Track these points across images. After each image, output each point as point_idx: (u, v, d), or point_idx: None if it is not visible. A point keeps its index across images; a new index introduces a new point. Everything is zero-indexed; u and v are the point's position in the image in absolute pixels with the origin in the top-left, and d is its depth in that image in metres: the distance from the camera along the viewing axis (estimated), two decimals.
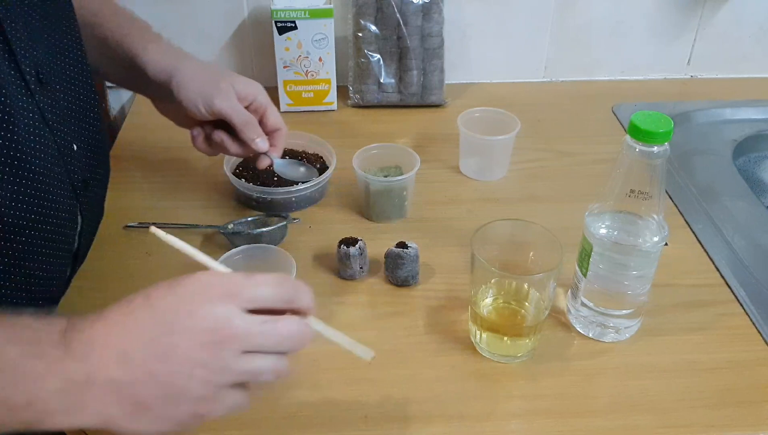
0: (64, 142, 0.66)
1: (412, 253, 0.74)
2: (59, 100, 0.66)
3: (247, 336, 0.47)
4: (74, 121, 0.69)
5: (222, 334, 0.47)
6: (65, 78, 0.68)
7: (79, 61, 0.71)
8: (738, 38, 1.16)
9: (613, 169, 0.63)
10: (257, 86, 0.78)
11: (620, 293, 0.68)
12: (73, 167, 0.67)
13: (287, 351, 0.50)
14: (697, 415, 0.63)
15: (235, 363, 0.47)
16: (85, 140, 0.71)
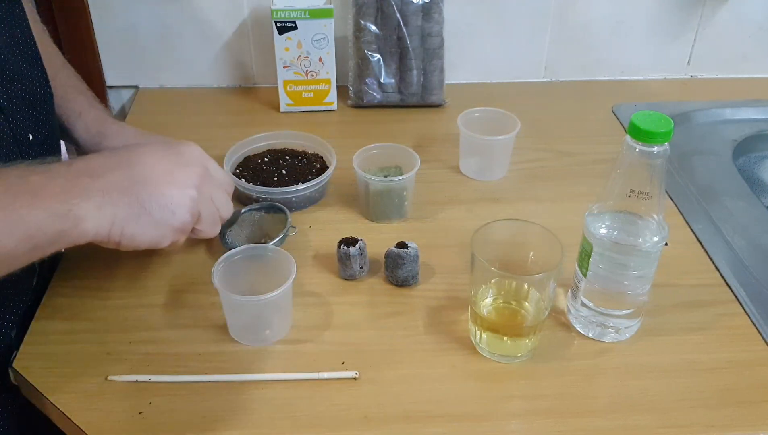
0: (19, 130, 0.67)
1: (412, 253, 0.74)
2: (15, 90, 0.68)
3: (218, 189, 0.68)
4: (30, 111, 0.70)
5: (206, 175, 0.65)
6: (20, 70, 0.69)
7: (34, 56, 0.73)
8: (738, 38, 1.16)
9: (613, 169, 0.63)
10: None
11: (620, 293, 0.68)
12: (28, 156, 0.69)
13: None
14: (697, 415, 0.63)
15: (209, 203, 0.66)
16: (41, 131, 0.72)
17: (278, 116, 1.08)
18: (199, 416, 0.62)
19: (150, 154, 0.62)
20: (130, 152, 0.62)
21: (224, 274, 0.69)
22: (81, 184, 0.56)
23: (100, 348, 0.69)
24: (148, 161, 0.61)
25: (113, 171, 0.58)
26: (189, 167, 0.63)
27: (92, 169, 0.58)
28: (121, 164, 0.60)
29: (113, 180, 0.58)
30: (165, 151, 0.63)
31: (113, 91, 1.15)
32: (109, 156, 0.61)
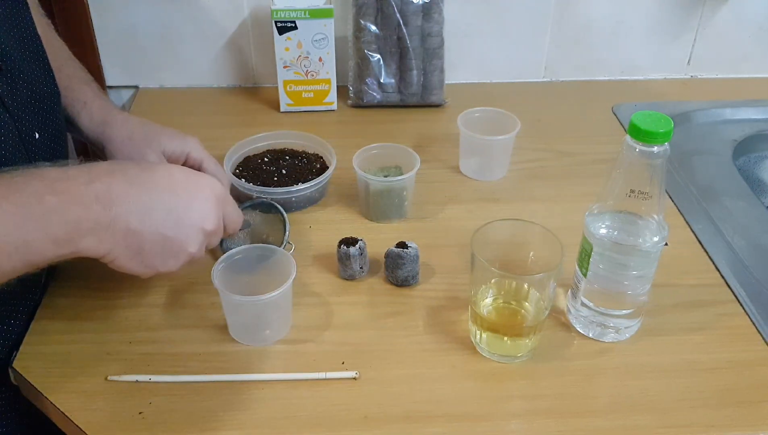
0: (25, 129, 0.67)
1: (412, 253, 0.74)
2: (20, 88, 0.67)
3: (217, 236, 0.66)
4: (36, 110, 0.70)
5: (214, 229, 0.64)
6: (26, 68, 0.69)
7: (39, 54, 0.72)
8: (738, 38, 1.16)
9: (613, 169, 0.63)
10: (188, 142, 0.78)
11: (620, 293, 0.68)
12: (35, 155, 0.68)
13: None
14: (697, 415, 0.63)
15: (203, 249, 0.64)
16: (47, 129, 0.72)
17: (278, 116, 1.08)
18: (199, 416, 0.62)
19: (170, 192, 0.60)
20: (153, 184, 0.60)
21: (224, 274, 0.69)
22: (93, 215, 0.55)
23: (100, 348, 0.69)
24: (165, 202, 0.60)
25: (129, 204, 0.57)
26: (200, 225, 0.62)
27: (110, 196, 0.56)
28: (139, 198, 0.58)
29: (124, 217, 0.57)
30: (185, 191, 0.62)
31: (113, 91, 1.15)
32: (131, 182, 0.58)
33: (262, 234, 0.81)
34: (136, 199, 0.58)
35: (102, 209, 0.56)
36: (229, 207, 0.67)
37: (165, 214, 0.59)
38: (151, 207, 0.59)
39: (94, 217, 0.55)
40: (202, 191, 0.63)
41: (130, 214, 0.57)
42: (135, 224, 0.58)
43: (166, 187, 0.60)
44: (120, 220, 0.57)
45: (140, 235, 0.58)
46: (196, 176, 0.64)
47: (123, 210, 0.57)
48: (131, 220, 0.57)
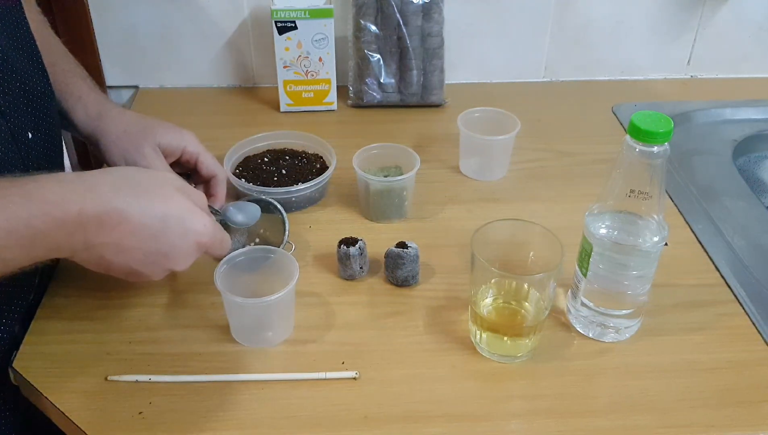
0: (18, 129, 0.67)
1: (412, 253, 0.74)
2: (13, 88, 0.67)
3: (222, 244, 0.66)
4: (29, 109, 0.70)
5: (210, 241, 0.63)
6: (19, 68, 0.69)
7: (33, 53, 0.72)
8: (738, 38, 1.16)
9: (613, 169, 0.63)
10: (184, 136, 0.78)
11: (620, 293, 0.68)
12: (28, 155, 0.68)
13: None
14: (697, 415, 0.63)
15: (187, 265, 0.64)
16: (41, 129, 0.72)
17: (278, 116, 1.08)
18: (199, 416, 0.62)
19: (153, 243, 0.60)
20: (141, 229, 0.59)
21: (227, 276, 0.68)
22: (73, 245, 0.57)
23: (100, 348, 0.69)
24: (145, 247, 0.60)
25: (109, 241, 0.58)
26: (171, 267, 0.63)
27: (97, 230, 0.57)
28: (122, 238, 0.58)
29: (101, 249, 0.58)
30: (164, 245, 0.61)
31: (113, 91, 1.15)
32: (122, 219, 0.58)
33: (259, 228, 0.81)
34: (119, 239, 0.58)
35: (83, 239, 0.56)
36: (215, 251, 0.66)
37: (141, 256, 0.60)
38: (131, 248, 0.59)
39: (74, 245, 0.57)
40: (189, 243, 0.62)
41: (108, 248, 0.58)
42: (109, 256, 0.59)
43: (153, 234, 0.59)
44: (96, 250, 0.58)
45: (111, 264, 0.60)
46: (189, 223, 0.61)
47: (103, 243, 0.58)
48: (106, 253, 0.59)
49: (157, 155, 0.75)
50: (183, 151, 0.77)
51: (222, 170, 0.80)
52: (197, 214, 0.62)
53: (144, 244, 0.59)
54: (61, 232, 0.55)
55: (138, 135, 0.76)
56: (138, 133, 0.76)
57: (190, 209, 0.62)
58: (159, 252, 0.60)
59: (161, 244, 0.60)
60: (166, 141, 0.76)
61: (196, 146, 0.78)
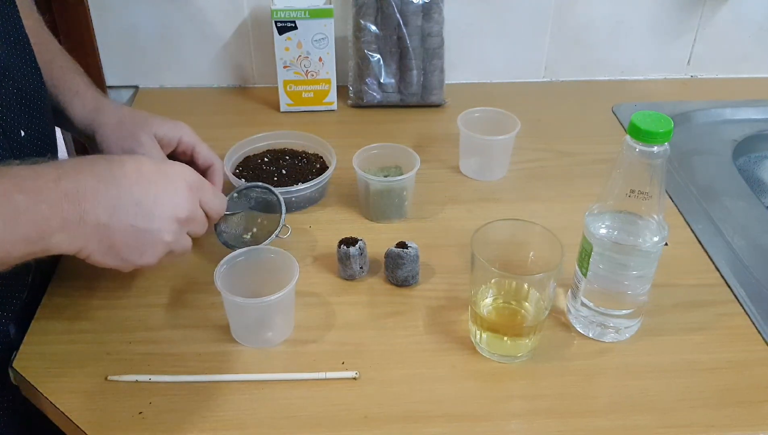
0: (10, 126, 0.67)
1: (412, 253, 0.74)
2: (5, 86, 0.67)
3: (197, 223, 0.66)
4: (22, 107, 0.70)
5: (189, 217, 0.63)
6: (11, 65, 0.69)
7: (26, 51, 0.72)
8: (738, 38, 1.16)
9: (613, 169, 0.63)
10: (180, 127, 0.78)
11: (620, 293, 0.68)
12: (20, 153, 0.68)
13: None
14: (697, 415, 0.63)
15: (183, 238, 0.64)
16: (34, 127, 0.71)
17: (278, 116, 1.08)
18: (199, 416, 0.62)
19: (139, 184, 0.60)
20: (121, 177, 0.59)
21: (227, 276, 0.68)
22: (62, 213, 0.56)
23: (100, 348, 0.69)
24: (134, 194, 0.59)
25: (97, 199, 0.57)
26: (172, 214, 0.62)
27: (78, 192, 0.56)
28: (107, 193, 0.58)
29: (93, 212, 0.57)
30: (153, 182, 0.61)
31: (113, 91, 1.15)
32: (99, 177, 0.58)
33: (257, 217, 0.80)
34: (104, 194, 0.58)
35: (71, 206, 0.56)
36: (207, 193, 0.66)
37: (134, 206, 0.59)
38: (120, 200, 0.58)
39: (62, 214, 0.55)
40: (173, 180, 0.62)
41: (99, 209, 0.57)
42: (104, 219, 0.58)
43: (135, 180, 0.60)
44: (89, 216, 0.57)
45: (110, 228, 0.58)
46: (166, 166, 0.63)
47: (91, 205, 0.57)
48: (100, 215, 0.57)
49: (154, 144, 0.75)
50: (179, 141, 0.77)
51: (218, 160, 0.80)
52: (172, 163, 0.63)
53: (131, 190, 0.59)
54: (43, 203, 0.54)
55: (134, 125, 0.76)
56: (134, 123, 0.76)
57: (164, 161, 0.63)
58: (149, 196, 0.60)
59: (148, 186, 0.60)
60: (162, 132, 0.76)
61: (191, 137, 0.78)
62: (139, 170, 0.60)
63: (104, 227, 0.58)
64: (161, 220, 0.61)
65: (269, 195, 0.81)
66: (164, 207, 0.61)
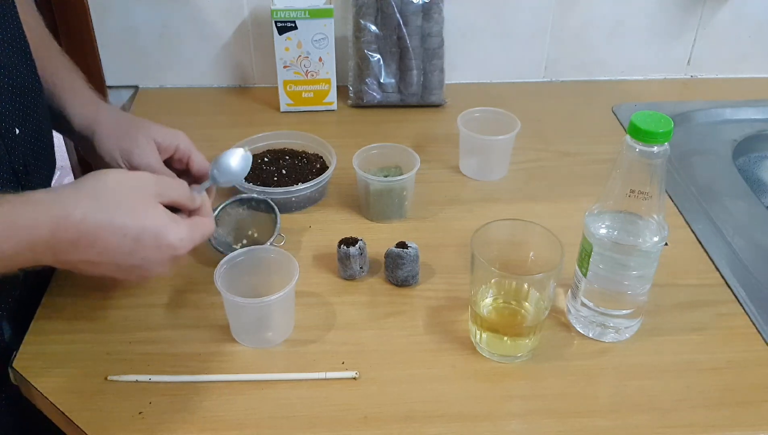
0: (5, 124, 0.67)
1: (412, 253, 0.74)
2: (3, 84, 0.67)
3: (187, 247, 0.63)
4: (17, 105, 0.70)
5: (181, 255, 0.62)
6: (7, 63, 0.68)
7: (23, 48, 0.72)
8: (738, 38, 1.16)
9: (613, 169, 0.63)
10: (177, 134, 0.77)
11: (620, 293, 0.68)
12: (14, 150, 0.68)
13: None
14: (697, 415, 0.63)
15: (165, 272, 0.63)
16: (28, 126, 0.71)
17: (278, 116, 1.08)
18: (199, 416, 0.62)
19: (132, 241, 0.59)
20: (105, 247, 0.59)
21: (227, 276, 0.68)
22: (49, 257, 0.57)
23: (100, 348, 0.69)
24: (116, 259, 0.60)
25: (87, 251, 0.58)
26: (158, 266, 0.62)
27: (71, 243, 0.57)
28: (102, 246, 0.58)
29: (84, 260, 0.59)
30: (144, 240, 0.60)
31: (113, 91, 1.15)
32: (97, 229, 0.57)
33: (247, 230, 0.81)
34: (91, 256, 0.58)
35: (53, 257, 0.57)
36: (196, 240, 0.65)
37: (115, 268, 0.60)
38: (104, 262, 0.59)
39: (42, 260, 0.57)
40: (163, 257, 0.61)
41: (81, 263, 0.59)
42: (82, 268, 0.60)
43: (127, 251, 0.59)
44: (68, 264, 0.59)
45: (85, 272, 0.60)
46: (164, 238, 0.60)
47: (76, 260, 0.58)
48: (79, 266, 0.59)
49: (151, 147, 0.75)
50: (176, 149, 0.77)
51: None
52: (172, 227, 0.61)
53: (117, 259, 0.59)
54: (29, 253, 0.56)
55: (133, 126, 0.76)
56: (133, 125, 0.76)
57: (165, 224, 0.61)
58: (133, 266, 0.60)
59: (135, 259, 0.60)
60: (160, 137, 0.76)
61: (187, 145, 0.78)
62: (138, 237, 0.59)
63: (81, 270, 0.60)
64: (136, 277, 0.63)
65: (263, 204, 0.82)
66: (142, 273, 0.62)
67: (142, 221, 0.59)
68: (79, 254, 0.58)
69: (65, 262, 0.59)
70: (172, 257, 0.62)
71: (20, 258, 0.56)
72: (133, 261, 0.60)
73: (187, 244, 0.62)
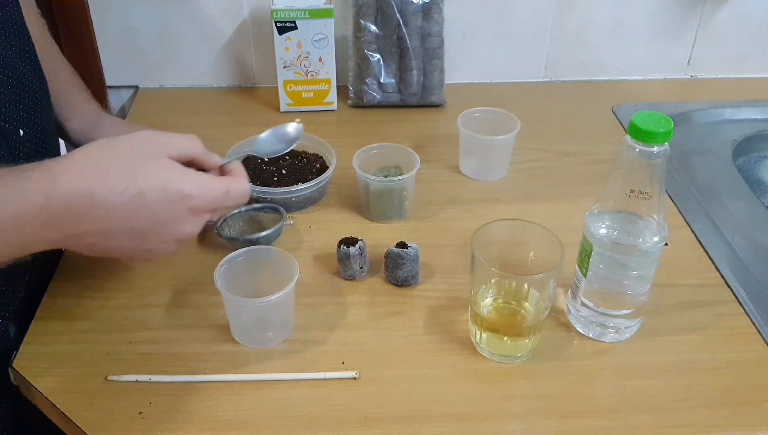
0: (9, 126, 0.67)
1: (412, 253, 0.74)
2: (5, 84, 0.67)
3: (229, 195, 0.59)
4: (21, 107, 0.69)
5: (200, 204, 0.56)
6: (12, 64, 0.68)
7: (28, 50, 0.72)
8: (738, 38, 1.16)
9: (613, 169, 0.63)
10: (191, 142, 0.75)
11: (620, 293, 0.68)
12: (18, 152, 0.68)
13: None
14: (697, 415, 0.63)
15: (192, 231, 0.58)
16: (34, 127, 0.71)
17: (278, 116, 1.08)
18: (199, 416, 0.62)
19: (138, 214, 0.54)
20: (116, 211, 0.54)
21: (227, 276, 0.68)
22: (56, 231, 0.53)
23: (100, 348, 0.69)
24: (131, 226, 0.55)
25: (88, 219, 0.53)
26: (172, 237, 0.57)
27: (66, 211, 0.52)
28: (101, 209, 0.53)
29: (92, 230, 0.54)
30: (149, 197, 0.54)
31: (113, 91, 1.15)
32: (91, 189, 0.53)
33: (255, 228, 0.82)
34: (97, 224, 0.54)
35: (59, 231, 0.53)
36: (224, 203, 0.59)
37: (130, 236, 0.55)
38: (114, 230, 0.54)
39: (51, 237, 0.53)
40: (181, 211, 0.56)
41: (92, 235, 0.54)
42: (98, 243, 0.55)
43: (130, 213, 0.54)
44: (81, 239, 0.54)
45: (107, 249, 0.56)
46: (172, 189, 0.55)
47: (83, 232, 0.54)
48: (93, 239, 0.55)
49: None
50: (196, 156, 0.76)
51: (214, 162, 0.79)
52: (178, 174, 0.55)
53: (125, 223, 0.54)
54: (28, 226, 0.52)
55: None
56: None
57: (170, 172, 0.55)
58: (144, 232, 0.55)
59: (143, 221, 0.54)
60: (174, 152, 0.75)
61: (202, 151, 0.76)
62: (140, 199, 0.54)
63: (101, 247, 0.56)
64: (159, 244, 0.57)
65: (273, 210, 0.83)
66: (165, 234, 0.56)
67: (143, 174, 0.53)
68: (82, 223, 0.53)
69: (68, 239, 0.54)
70: (191, 210, 0.55)
71: (20, 235, 0.52)
72: (142, 224, 0.54)
73: (206, 194, 0.56)
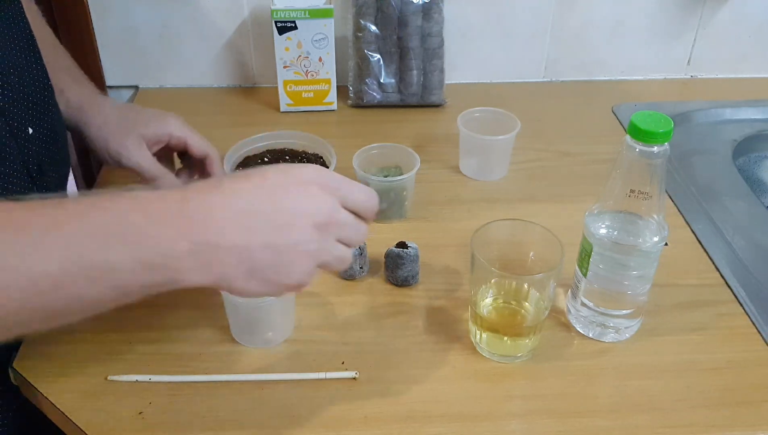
0: (17, 124, 0.66)
1: (412, 253, 0.74)
2: (12, 83, 0.67)
3: (345, 227, 0.54)
4: (29, 105, 0.69)
5: (330, 220, 0.53)
6: (18, 63, 0.68)
7: (32, 48, 0.72)
8: (738, 38, 1.16)
9: (613, 169, 0.63)
10: (169, 122, 0.75)
11: (620, 293, 0.68)
12: (27, 150, 0.67)
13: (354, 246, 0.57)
14: (697, 415, 0.63)
15: (333, 247, 0.54)
16: (42, 124, 0.71)
17: (278, 116, 1.08)
18: (199, 416, 0.62)
19: (267, 196, 0.52)
20: (247, 191, 0.52)
21: None
22: (190, 236, 0.49)
23: (100, 348, 0.69)
24: (264, 207, 0.52)
25: (227, 218, 0.50)
26: (309, 220, 0.52)
27: (207, 212, 0.50)
28: (237, 208, 0.51)
29: (227, 232, 0.50)
30: (281, 189, 0.53)
31: (113, 91, 1.15)
32: (225, 194, 0.51)
33: None
34: (233, 211, 0.50)
35: (199, 228, 0.49)
36: (346, 189, 0.55)
37: (266, 221, 0.51)
38: (251, 217, 0.51)
39: (191, 237, 0.49)
40: (302, 184, 0.53)
41: (231, 228, 0.50)
42: (238, 239, 0.50)
43: (262, 192, 0.52)
44: (222, 238, 0.50)
45: (247, 249, 0.50)
46: (293, 170, 0.54)
47: (222, 226, 0.50)
48: (234, 236, 0.50)
49: (140, 149, 0.74)
50: (170, 136, 0.76)
51: (213, 149, 0.79)
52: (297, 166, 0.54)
53: (261, 202, 0.51)
54: (166, 225, 0.48)
55: (119, 128, 0.75)
56: (119, 126, 0.75)
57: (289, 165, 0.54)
58: (281, 205, 0.52)
59: (277, 195, 0.52)
60: (150, 132, 0.75)
61: (181, 130, 0.76)
62: (264, 181, 0.53)
63: (240, 248, 0.50)
64: (298, 231, 0.52)
65: None
66: (298, 216, 0.52)
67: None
68: (230, 219, 0.50)
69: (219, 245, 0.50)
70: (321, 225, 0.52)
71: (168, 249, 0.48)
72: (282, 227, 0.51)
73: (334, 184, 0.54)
